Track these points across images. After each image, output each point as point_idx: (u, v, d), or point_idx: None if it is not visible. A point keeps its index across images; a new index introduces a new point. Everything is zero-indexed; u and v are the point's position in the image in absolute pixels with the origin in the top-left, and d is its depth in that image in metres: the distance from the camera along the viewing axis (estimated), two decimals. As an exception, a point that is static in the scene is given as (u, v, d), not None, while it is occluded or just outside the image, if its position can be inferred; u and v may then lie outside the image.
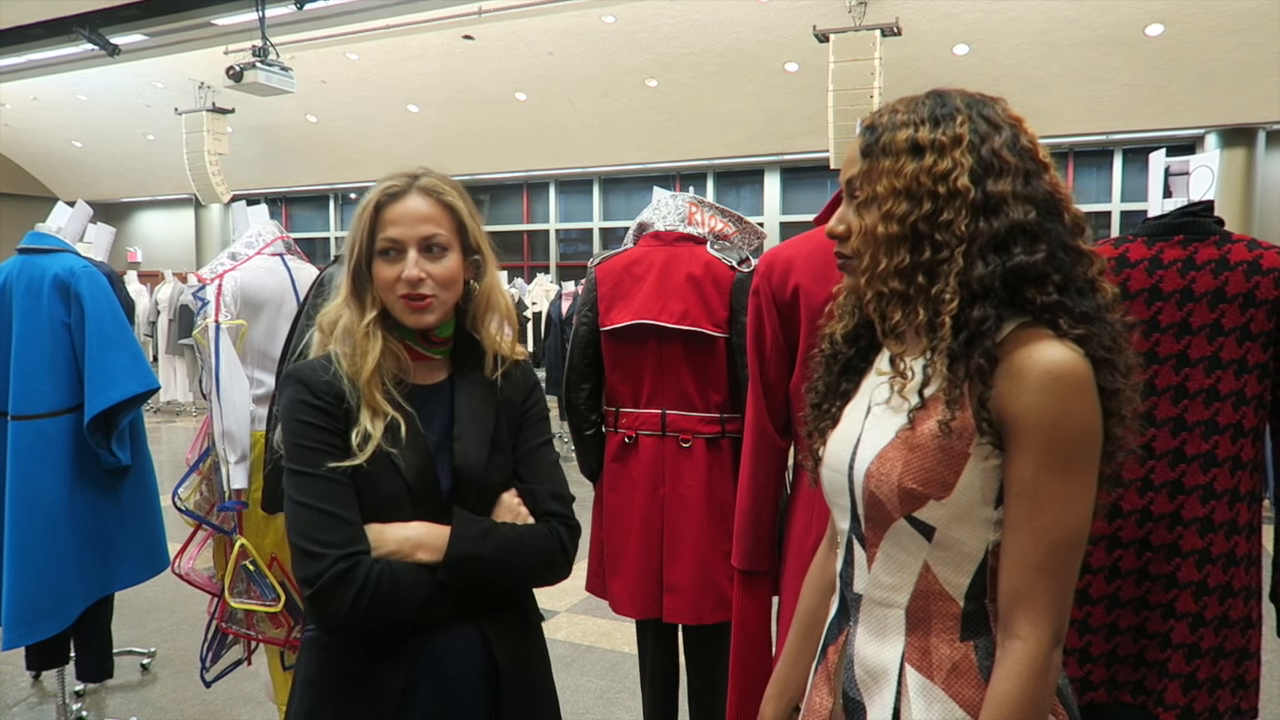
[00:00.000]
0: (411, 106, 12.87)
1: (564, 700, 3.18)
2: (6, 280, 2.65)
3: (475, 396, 1.34)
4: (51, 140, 16.16)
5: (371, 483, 1.22)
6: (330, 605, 1.15)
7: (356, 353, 1.26)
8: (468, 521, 1.25)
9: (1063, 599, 0.93)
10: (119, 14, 8.56)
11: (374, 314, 1.28)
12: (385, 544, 1.20)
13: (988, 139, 0.96)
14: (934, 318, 0.94)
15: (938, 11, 8.98)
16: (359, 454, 1.21)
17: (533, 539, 1.30)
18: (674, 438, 2.34)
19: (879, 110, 1.03)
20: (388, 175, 1.31)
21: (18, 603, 2.54)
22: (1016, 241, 0.94)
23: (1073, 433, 0.90)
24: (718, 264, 2.29)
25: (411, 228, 1.26)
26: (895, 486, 0.96)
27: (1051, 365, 0.90)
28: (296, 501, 1.20)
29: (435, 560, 1.21)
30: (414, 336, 1.30)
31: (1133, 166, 11.53)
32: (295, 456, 1.22)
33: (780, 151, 12.45)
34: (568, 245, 15.57)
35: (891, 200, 0.96)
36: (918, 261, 0.95)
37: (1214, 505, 1.65)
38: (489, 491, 1.31)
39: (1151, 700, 1.69)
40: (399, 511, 1.23)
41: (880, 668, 1.01)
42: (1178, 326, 1.66)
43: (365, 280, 1.28)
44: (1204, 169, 1.73)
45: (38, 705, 3.17)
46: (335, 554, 1.16)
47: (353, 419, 1.24)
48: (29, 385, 2.58)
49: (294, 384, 1.26)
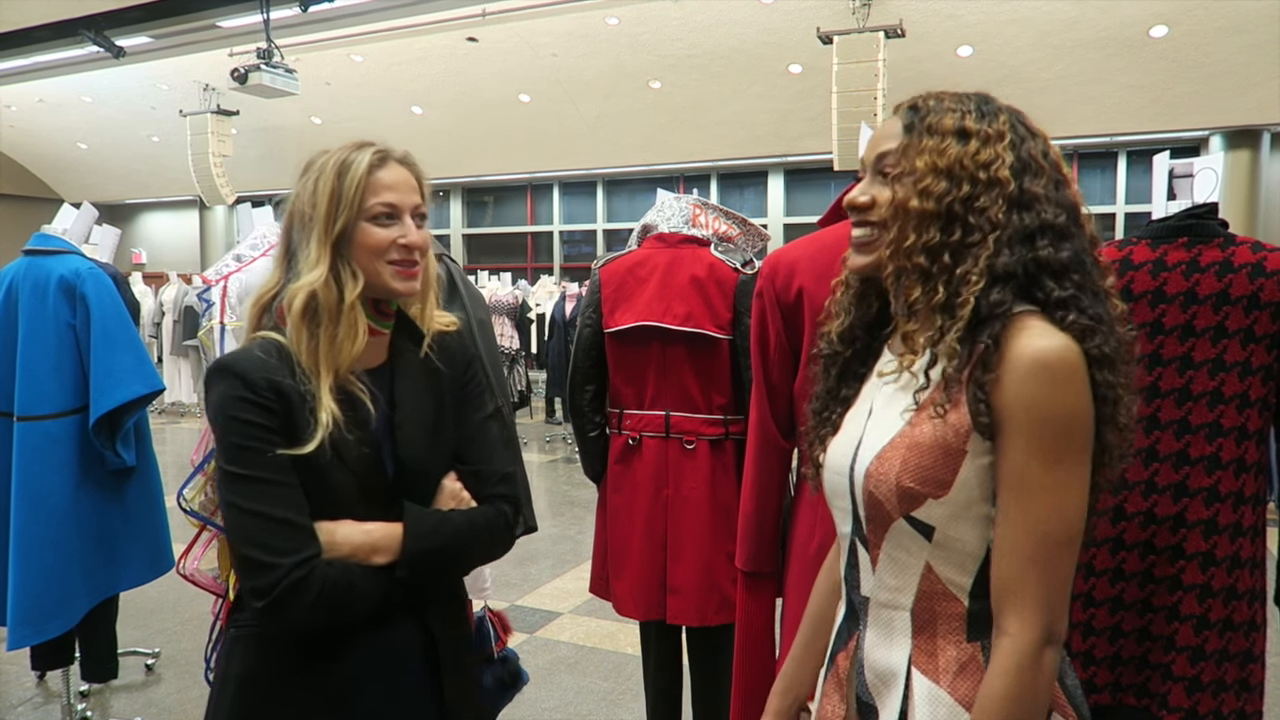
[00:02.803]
0: (415, 108, 12.89)
1: (567, 701, 3.19)
2: (13, 282, 2.66)
3: (415, 378, 1.29)
4: (57, 142, 16.20)
5: (318, 477, 1.16)
6: (286, 615, 1.11)
7: (341, 333, 1.18)
8: (419, 517, 1.21)
9: (1054, 593, 0.91)
10: (124, 16, 8.57)
11: (360, 287, 1.20)
12: (339, 548, 1.15)
13: (1026, 141, 0.99)
14: (954, 297, 0.95)
15: (941, 13, 8.97)
16: (305, 447, 1.14)
17: (484, 524, 1.28)
18: (677, 439, 2.34)
19: (922, 94, 1.03)
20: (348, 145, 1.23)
21: (23, 603, 2.54)
22: (1044, 236, 0.96)
23: (1062, 422, 0.90)
24: (721, 266, 2.29)
25: (407, 194, 1.23)
26: (894, 486, 0.96)
27: (1040, 353, 0.90)
28: (240, 507, 1.12)
29: (391, 561, 1.18)
30: (369, 310, 1.23)
31: (1136, 168, 11.51)
32: (234, 458, 1.13)
33: (784, 153, 12.45)
34: (571, 247, 15.58)
35: (931, 177, 0.96)
36: (947, 241, 0.96)
37: (1218, 508, 1.64)
38: (433, 478, 1.27)
39: (1156, 703, 1.68)
40: (346, 505, 1.18)
41: (889, 671, 1.01)
42: (1182, 329, 1.66)
43: (346, 250, 1.20)
44: (1208, 171, 1.73)
45: (43, 705, 3.18)
46: (288, 563, 1.10)
47: (297, 409, 1.15)
48: (35, 386, 2.59)
49: (229, 377, 1.15)
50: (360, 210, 1.19)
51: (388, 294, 1.24)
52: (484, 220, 16.32)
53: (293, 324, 1.18)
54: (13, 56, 10.17)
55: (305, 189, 1.21)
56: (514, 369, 8.50)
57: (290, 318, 1.18)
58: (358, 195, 1.19)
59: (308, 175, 1.23)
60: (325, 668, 1.19)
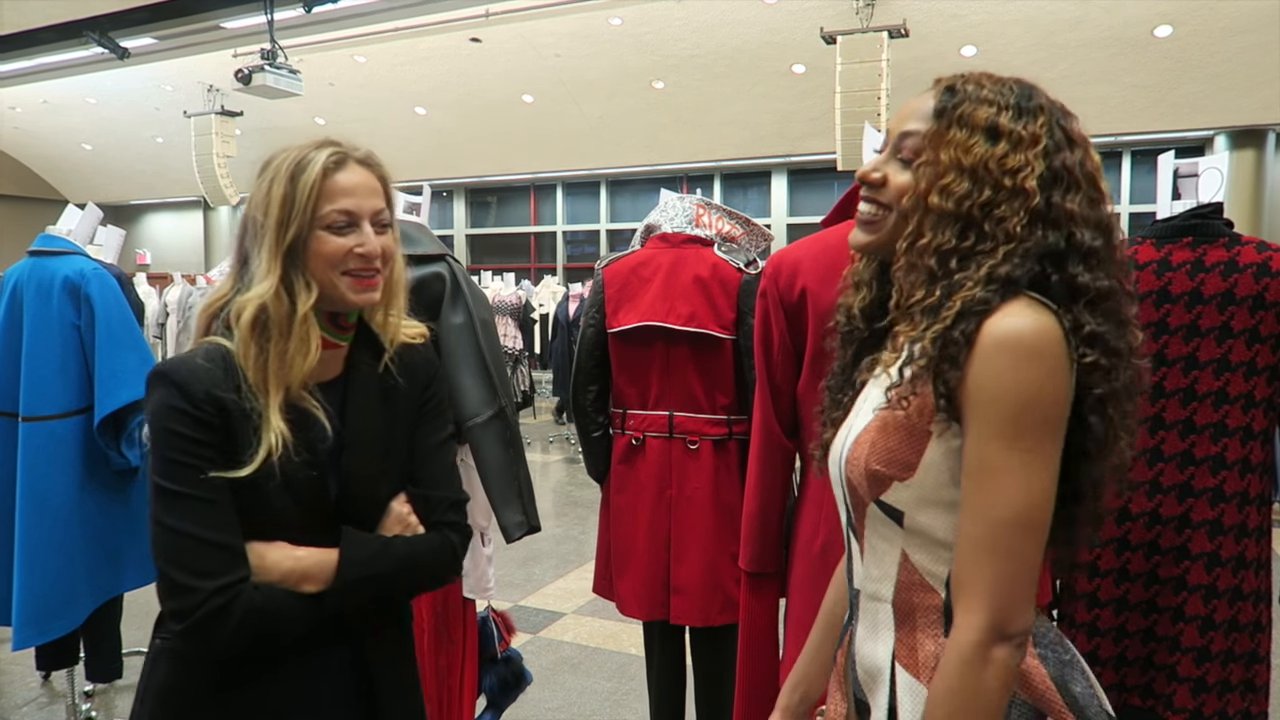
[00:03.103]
0: (419, 109, 12.90)
1: (571, 702, 3.19)
2: (17, 282, 2.67)
3: (369, 395, 1.21)
4: (61, 143, 16.24)
5: (256, 497, 1.09)
6: (205, 640, 1.06)
7: (292, 347, 1.10)
8: (357, 544, 1.14)
9: (1008, 585, 0.85)
10: (129, 17, 8.59)
11: (314, 298, 1.12)
12: (268, 573, 1.09)
13: (1062, 150, 0.92)
14: (945, 299, 0.90)
15: (945, 13, 8.96)
16: (245, 467, 1.07)
17: (426, 553, 1.20)
18: (681, 439, 2.34)
19: (961, 75, 0.97)
20: (307, 144, 1.15)
21: (28, 603, 2.55)
22: (1081, 261, 0.90)
23: (1020, 401, 0.85)
24: (725, 266, 2.29)
25: (366, 199, 1.14)
26: (863, 469, 0.95)
27: (1005, 333, 0.86)
28: (164, 524, 1.06)
29: (321, 589, 1.11)
30: (324, 322, 1.16)
31: (1141, 168, 11.48)
32: (165, 472, 1.06)
33: (787, 153, 12.45)
34: (574, 247, 15.58)
35: (953, 175, 0.91)
36: (960, 247, 0.91)
37: (1223, 508, 1.64)
38: (380, 502, 1.20)
39: (1161, 704, 1.68)
40: (284, 528, 1.12)
41: (875, 666, 0.99)
42: (1186, 329, 1.65)
43: (300, 260, 1.12)
44: (1213, 171, 1.73)
45: (47, 705, 3.18)
46: (209, 587, 1.04)
47: (239, 426, 1.08)
48: (39, 387, 2.60)
49: (167, 385, 1.08)
50: (315, 218, 1.11)
51: (344, 306, 1.16)
52: (487, 221, 16.33)
53: (240, 338, 1.11)
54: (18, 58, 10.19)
55: (259, 192, 1.14)
56: (517, 369, 8.51)
57: (238, 331, 1.11)
58: (311, 201, 1.11)
59: (263, 177, 1.15)
60: (247, 691, 1.13)
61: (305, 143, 1.16)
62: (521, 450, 2.17)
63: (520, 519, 2.12)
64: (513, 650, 2.36)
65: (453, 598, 2.21)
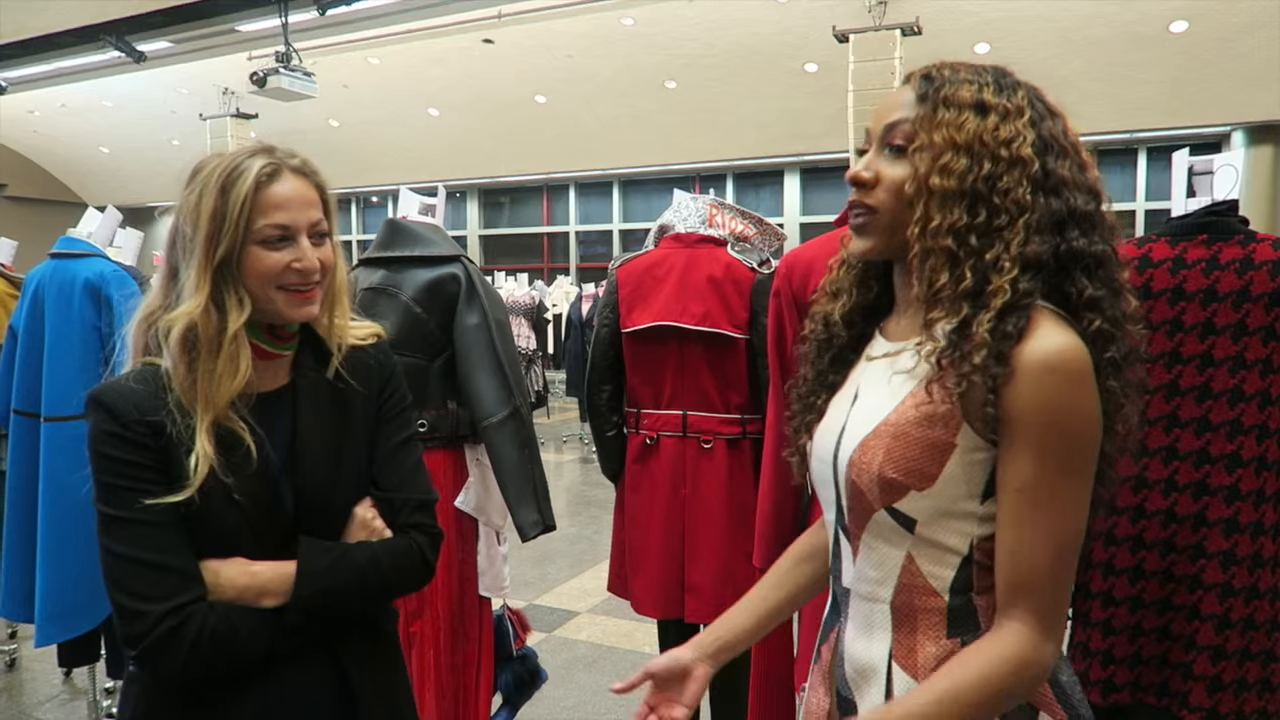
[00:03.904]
0: (432, 110, 12.96)
1: (584, 701, 3.21)
2: (39, 285, 2.71)
3: (320, 401, 1.17)
4: (79, 146, 16.41)
5: (204, 517, 1.05)
6: (160, 665, 1.03)
7: (220, 367, 1.06)
8: (315, 554, 1.11)
9: (1064, 593, 0.89)
10: (145, 21, 8.67)
11: (246, 315, 1.08)
12: (223, 591, 1.06)
13: (1045, 119, 0.94)
14: (983, 284, 0.89)
15: (958, 10, 8.94)
16: (186, 488, 1.04)
17: (389, 558, 1.16)
18: (695, 439, 2.35)
19: (934, 64, 0.97)
20: (240, 151, 1.10)
21: (51, 601, 2.59)
22: (1075, 225, 0.91)
23: (1073, 429, 0.87)
24: (738, 265, 2.30)
25: (302, 212, 1.10)
26: (875, 476, 0.93)
27: (1048, 357, 0.86)
28: (110, 550, 1.03)
29: (282, 604, 1.08)
30: (260, 333, 1.13)
31: (1157, 165, 11.41)
32: (105, 497, 1.04)
33: (800, 152, 12.44)
34: (587, 247, 15.62)
35: (950, 154, 0.91)
36: (973, 223, 0.90)
37: (1239, 506, 1.64)
38: (340, 510, 1.17)
39: (1176, 702, 1.68)
40: (237, 544, 1.09)
41: (869, 665, 0.98)
42: (1202, 326, 1.65)
43: (232, 275, 1.08)
44: (1228, 168, 1.72)
45: (69, 701, 3.23)
46: (159, 610, 1.01)
47: (175, 447, 1.05)
48: (61, 387, 2.63)
49: (98, 410, 1.05)
50: (247, 233, 1.07)
51: (282, 320, 1.12)
52: (500, 221, 16.38)
53: (170, 356, 1.07)
54: (37, 62, 10.31)
55: (188, 203, 1.09)
56: (531, 369, 8.54)
57: (167, 348, 1.07)
58: (244, 216, 1.06)
59: (192, 185, 1.09)
60: (218, 713, 1.10)
61: (237, 149, 1.11)
62: (536, 450, 2.19)
63: (536, 518, 2.14)
64: (528, 648, 2.38)
65: (469, 596, 2.23)
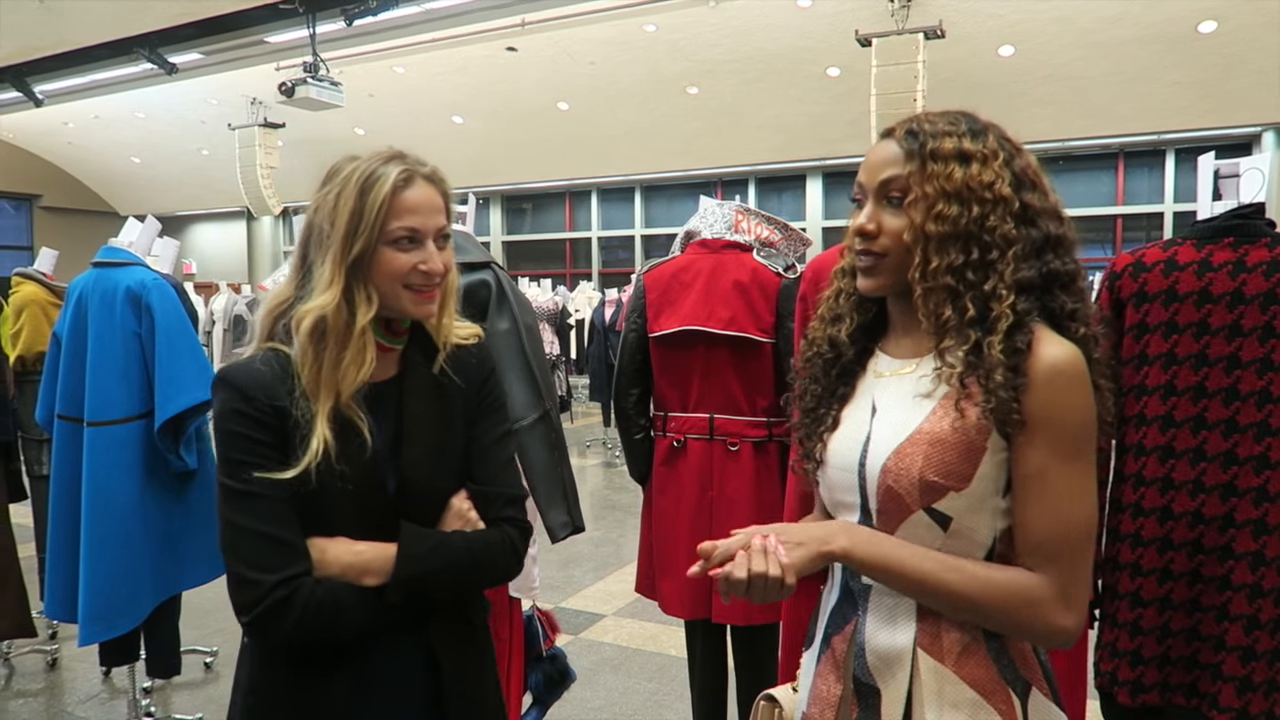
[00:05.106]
0: (456, 118, 13.09)
1: (613, 701, 3.24)
2: (82, 293, 2.78)
3: (425, 395, 1.24)
4: (112, 157, 16.71)
5: (314, 497, 1.12)
6: (268, 632, 1.11)
7: (348, 358, 1.14)
8: (415, 539, 1.17)
9: (1086, 570, 1.00)
10: (177, 34, 8.85)
11: (374, 311, 1.16)
12: (328, 567, 1.13)
13: (1015, 157, 1.06)
14: (986, 312, 1.01)
15: (982, 13, 8.90)
16: (295, 468, 1.11)
17: (484, 548, 1.23)
18: (721, 441, 2.37)
19: (912, 118, 1.09)
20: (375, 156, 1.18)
21: (93, 601, 2.65)
22: (1052, 250, 1.04)
23: (1079, 423, 0.99)
24: (764, 270, 2.33)
25: (431, 217, 1.18)
26: (916, 480, 1.02)
27: (1055, 363, 0.99)
28: (229, 521, 1.11)
29: (382, 583, 1.15)
30: (379, 328, 1.20)
31: (1185, 166, 11.28)
32: (228, 470, 1.12)
33: (822, 156, 12.43)
34: (609, 253, 15.68)
35: (942, 202, 1.02)
36: (969, 261, 1.02)
37: (1267, 508, 1.64)
38: (439, 498, 1.23)
39: (1205, 703, 1.68)
40: (343, 523, 1.16)
41: (893, 653, 1.06)
42: (1229, 329, 1.66)
43: (363, 272, 1.15)
44: (1254, 171, 1.73)
45: (109, 700, 3.30)
46: (271, 580, 1.09)
47: (295, 430, 1.13)
48: (103, 393, 2.70)
49: (227, 389, 1.14)
50: (381, 234, 1.15)
51: (403, 316, 1.21)
52: (523, 227, 16.49)
53: (299, 344, 1.15)
54: (72, 74, 10.54)
55: (326, 202, 1.16)
56: (554, 374, 8.60)
57: (298, 338, 1.15)
58: (380, 217, 1.14)
59: (330, 186, 1.17)
60: (320, 686, 1.17)
61: (373, 155, 1.19)
62: (565, 452, 2.22)
63: (565, 519, 2.17)
64: (557, 648, 2.41)
65: (499, 596, 2.27)
